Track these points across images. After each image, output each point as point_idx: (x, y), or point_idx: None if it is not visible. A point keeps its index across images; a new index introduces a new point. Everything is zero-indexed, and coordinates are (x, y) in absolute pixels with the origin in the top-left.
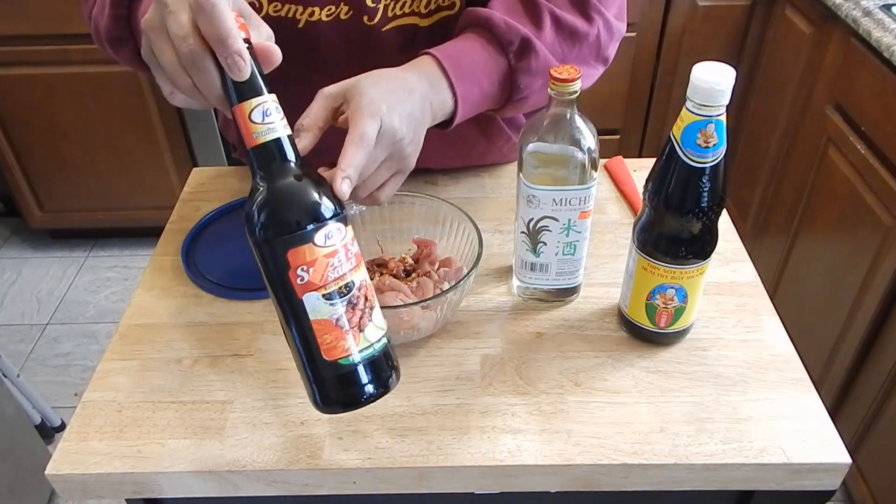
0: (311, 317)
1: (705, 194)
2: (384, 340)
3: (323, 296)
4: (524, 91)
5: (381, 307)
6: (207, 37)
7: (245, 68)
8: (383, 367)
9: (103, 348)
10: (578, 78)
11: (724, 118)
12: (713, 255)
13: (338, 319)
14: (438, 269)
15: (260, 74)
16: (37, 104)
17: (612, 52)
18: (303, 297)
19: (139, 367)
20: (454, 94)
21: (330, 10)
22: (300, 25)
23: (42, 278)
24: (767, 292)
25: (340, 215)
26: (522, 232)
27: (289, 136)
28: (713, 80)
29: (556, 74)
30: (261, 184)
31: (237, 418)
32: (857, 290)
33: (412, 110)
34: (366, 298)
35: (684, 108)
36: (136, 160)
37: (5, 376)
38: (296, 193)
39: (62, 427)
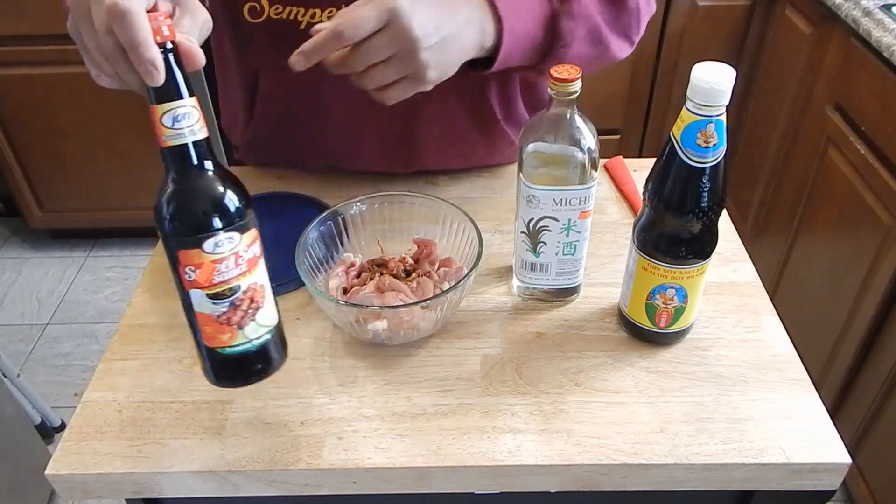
0: (195, 309)
1: (705, 194)
2: (267, 336)
3: (207, 295)
4: (566, 38)
5: (381, 307)
6: (122, 42)
7: (157, 76)
8: (260, 360)
9: (103, 348)
10: (578, 78)
11: (724, 118)
12: (713, 255)
13: (219, 316)
14: (438, 269)
15: (182, 76)
16: (37, 104)
17: (643, 29)
18: (189, 291)
19: (139, 367)
20: (500, 25)
21: (331, 11)
22: (302, 27)
23: (42, 278)
24: (767, 292)
25: (236, 224)
26: (522, 232)
27: (201, 141)
28: (713, 80)
29: (555, 74)
30: (169, 182)
31: (237, 418)
32: (857, 290)
33: (445, 23)
34: (251, 300)
35: (684, 108)
36: (136, 160)
37: (5, 376)
38: (193, 200)
39: (62, 427)
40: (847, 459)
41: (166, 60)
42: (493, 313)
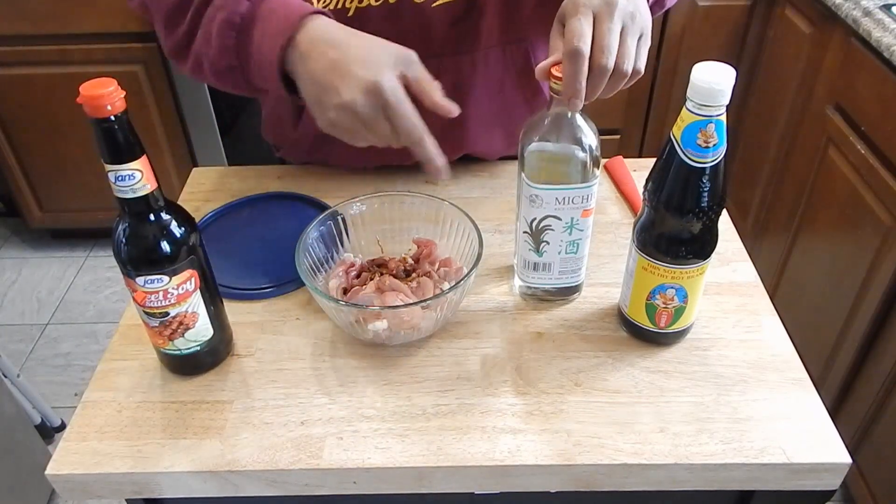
0: (139, 315)
1: (705, 194)
2: (196, 349)
3: (143, 311)
4: None
5: (381, 307)
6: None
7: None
8: (192, 363)
9: (103, 348)
10: None
11: (724, 118)
12: (713, 255)
13: (153, 326)
14: (438, 269)
15: (128, 143)
16: (37, 104)
17: None
18: (134, 301)
19: (139, 367)
20: None
21: None
22: (350, 14)
23: (42, 278)
24: (767, 292)
25: (165, 270)
26: (525, 232)
27: (142, 197)
28: (713, 80)
29: (556, 73)
30: (118, 221)
31: (237, 418)
32: (857, 290)
33: None
34: (180, 323)
35: (684, 108)
36: None
37: (5, 376)
38: (130, 244)
39: (62, 427)
40: (847, 459)
41: (115, 128)
42: (493, 313)
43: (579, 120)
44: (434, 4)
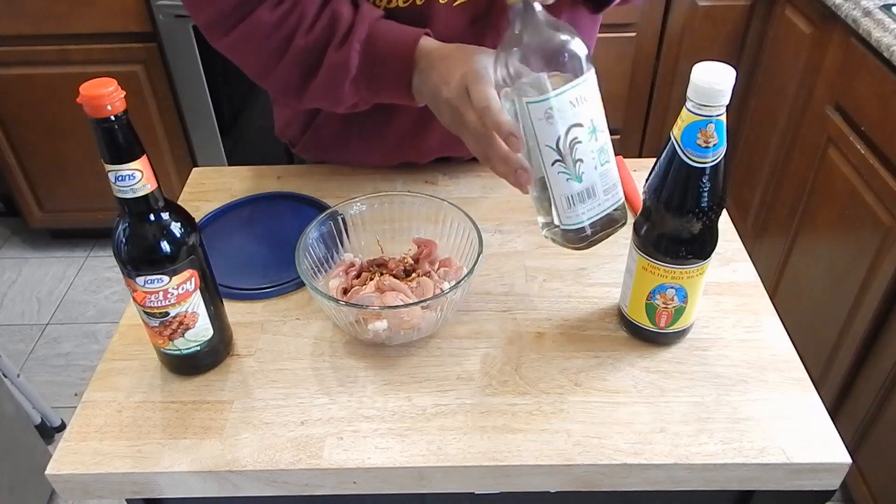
0: (139, 315)
1: (705, 194)
2: (196, 349)
3: (143, 311)
4: None
5: (381, 307)
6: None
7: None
8: (192, 363)
9: (103, 348)
10: None
11: (724, 118)
12: (713, 255)
13: (153, 326)
14: (438, 269)
15: (129, 143)
16: (37, 104)
17: None
18: (134, 301)
19: (139, 367)
20: None
21: None
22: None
23: (42, 278)
24: (767, 292)
25: (165, 270)
26: (556, 161)
27: (143, 197)
28: (713, 80)
29: None
30: (119, 221)
31: (237, 418)
32: (857, 290)
33: None
34: (180, 323)
35: (684, 108)
36: None
37: (5, 376)
38: (130, 244)
39: (62, 427)
40: (847, 459)
41: (115, 129)
42: (493, 313)
43: (544, 16)
44: (455, 4)
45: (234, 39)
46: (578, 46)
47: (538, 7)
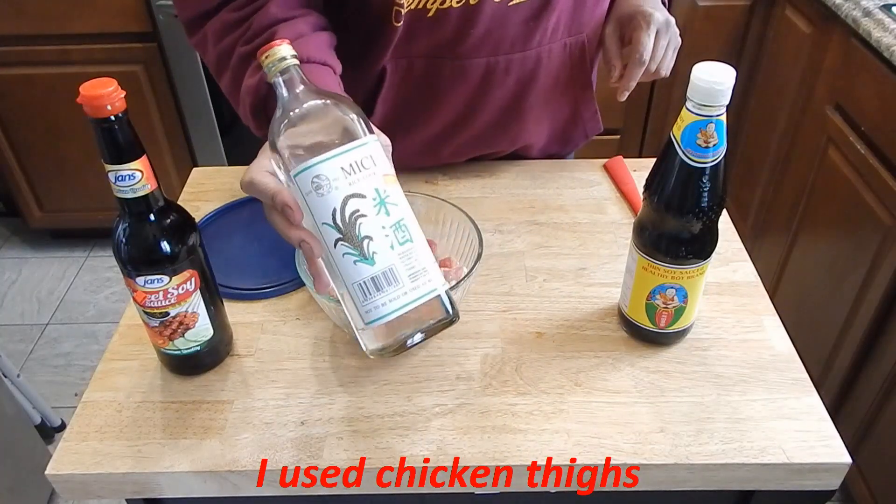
0: (139, 315)
1: (705, 194)
2: (196, 349)
3: (143, 310)
4: None
5: None
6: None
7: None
8: (192, 363)
9: (103, 348)
10: (284, 42)
11: (724, 118)
12: (713, 255)
13: (153, 326)
14: None
15: (128, 143)
16: (37, 104)
17: None
18: (134, 301)
19: (139, 367)
20: None
21: None
22: (430, 14)
23: (42, 278)
24: (767, 292)
25: (165, 270)
26: (338, 240)
27: (142, 197)
28: (713, 80)
29: (261, 54)
30: (119, 221)
31: (237, 418)
32: (857, 289)
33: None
34: (180, 323)
35: (684, 108)
36: None
37: (5, 376)
38: (130, 244)
39: (62, 427)
40: (847, 459)
41: (115, 129)
42: (493, 313)
43: (306, 86)
44: (510, 3)
45: (197, 39)
46: (350, 111)
47: (297, 74)
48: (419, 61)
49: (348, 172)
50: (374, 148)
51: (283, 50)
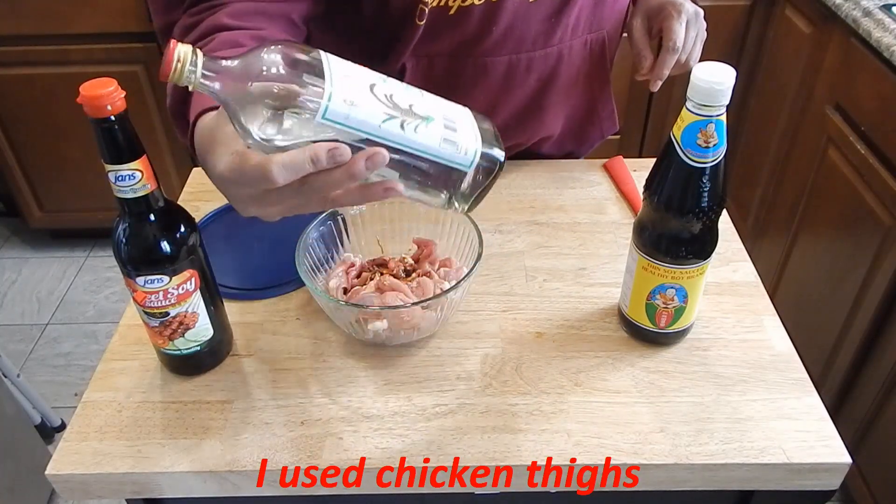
0: (139, 315)
1: (705, 194)
2: (196, 349)
3: (143, 310)
4: None
5: (381, 307)
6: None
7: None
8: (193, 363)
9: (103, 348)
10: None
11: (724, 118)
12: (713, 255)
13: (153, 326)
14: (438, 269)
15: (128, 143)
16: (37, 104)
17: None
18: (134, 301)
19: (139, 367)
20: None
21: None
22: (452, 13)
23: (42, 278)
24: (767, 292)
25: (165, 270)
26: (391, 119)
27: (142, 197)
28: (713, 80)
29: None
30: (119, 221)
31: (237, 418)
32: (857, 290)
33: None
34: (180, 323)
35: (684, 108)
36: None
37: (5, 376)
38: (130, 244)
39: (62, 427)
40: (847, 459)
41: (115, 129)
42: (493, 313)
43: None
44: (532, 0)
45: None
46: (276, 45)
47: (212, 63)
48: (440, 60)
49: (349, 75)
50: (331, 56)
51: (183, 55)
